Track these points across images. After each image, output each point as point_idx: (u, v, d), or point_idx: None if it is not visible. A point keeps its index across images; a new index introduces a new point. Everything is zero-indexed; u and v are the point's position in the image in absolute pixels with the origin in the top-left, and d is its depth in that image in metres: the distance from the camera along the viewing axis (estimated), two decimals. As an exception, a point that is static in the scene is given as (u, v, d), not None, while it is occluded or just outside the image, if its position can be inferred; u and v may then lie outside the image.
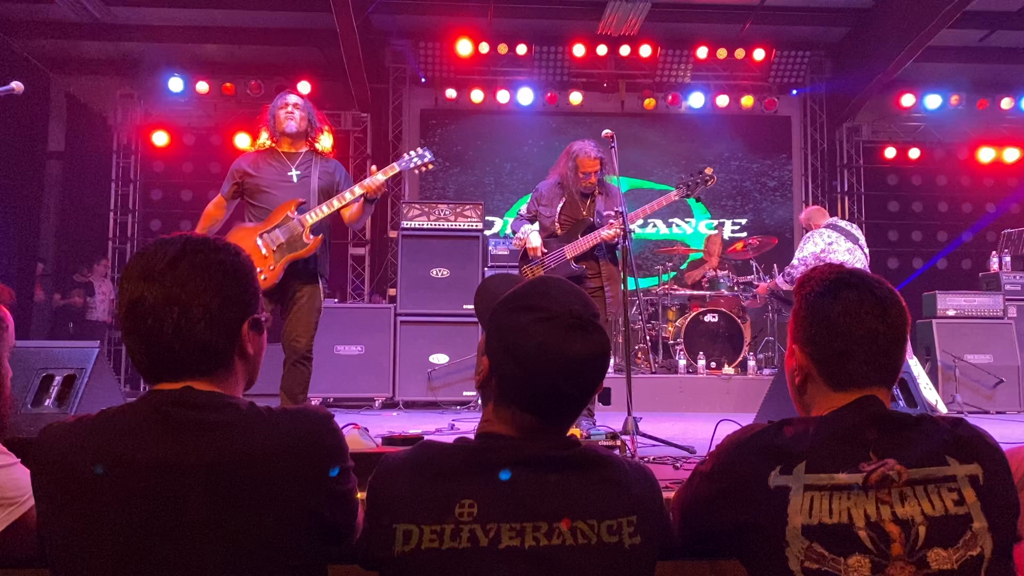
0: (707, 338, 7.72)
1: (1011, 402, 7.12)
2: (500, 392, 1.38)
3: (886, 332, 1.44)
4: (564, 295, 1.38)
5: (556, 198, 4.94)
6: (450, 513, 1.26)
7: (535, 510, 1.27)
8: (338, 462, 1.38)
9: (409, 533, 1.26)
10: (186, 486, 1.24)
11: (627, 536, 1.29)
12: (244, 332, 1.39)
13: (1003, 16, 9.05)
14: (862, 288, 1.46)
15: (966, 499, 1.32)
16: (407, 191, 10.25)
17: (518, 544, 1.25)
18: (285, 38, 9.78)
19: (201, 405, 1.32)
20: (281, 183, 4.41)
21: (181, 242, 1.37)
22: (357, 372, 7.10)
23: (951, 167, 10.82)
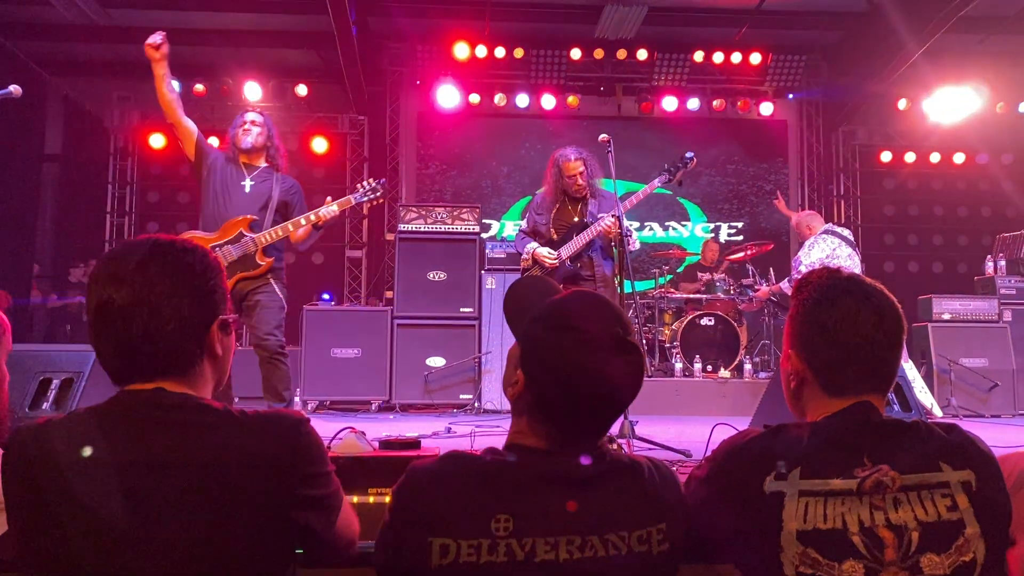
0: (703, 341, 7.73)
1: (1006, 406, 7.15)
2: (536, 407, 1.38)
3: (882, 340, 1.45)
4: (603, 315, 1.40)
5: (550, 206, 5.08)
6: (487, 528, 1.28)
7: (568, 524, 1.29)
8: (312, 466, 1.37)
9: (447, 547, 1.27)
10: (158, 487, 1.24)
11: (656, 544, 1.33)
12: (213, 333, 1.40)
13: (999, 20, 9.08)
14: (859, 295, 1.47)
15: (959, 505, 1.33)
16: (404, 194, 10.26)
17: (553, 558, 1.27)
18: (282, 40, 9.79)
19: (174, 406, 1.33)
20: (232, 190, 4.56)
21: (149, 244, 1.38)
22: (354, 375, 7.10)
23: (948, 171, 10.85)
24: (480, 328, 7.21)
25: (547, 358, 1.35)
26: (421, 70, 10.01)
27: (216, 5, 9.00)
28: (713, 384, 7.34)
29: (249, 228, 4.45)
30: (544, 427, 1.38)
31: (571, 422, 1.37)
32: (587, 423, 1.38)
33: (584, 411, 1.36)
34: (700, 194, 10.58)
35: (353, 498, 2.26)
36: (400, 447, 2.56)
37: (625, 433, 4.20)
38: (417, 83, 10.19)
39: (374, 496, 2.30)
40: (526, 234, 5.21)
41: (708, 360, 7.62)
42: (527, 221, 5.24)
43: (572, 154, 4.96)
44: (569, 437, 1.37)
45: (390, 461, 2.36)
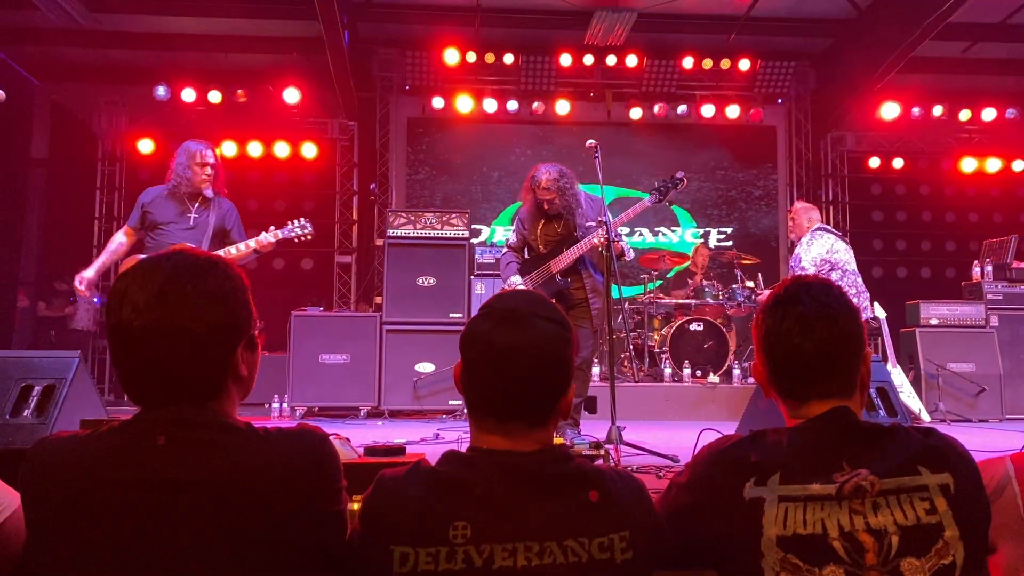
0: (692, 347, 7.75)
1: (993, 410, 7.18)
2: (463, 396, 1.44)
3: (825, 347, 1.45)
4: (515, 297, 1.46)
5: (535, 219, 5.06)
6: (445, 536, 1.28)
7: (526, 530, 1.29)
8: (334, 482, 1.37)
9: (406, 556, 1.28)
10: (180, 506, 1.23)
11: (619, 552, 1.31)
12: (238, 355, 1.37)
13: (984, 28, 9.14)
14: (809, 302, 1.48)
15: (938, 508, 1.33)
16: (394, 199, 10.24)
17: (511, 564, 1.26)
18: (272, 46, 9.78)
19: (197, 425, 1.30)
20: (178, 223, 4.83)
21: (167, 268, 1.34)
22: (342, 381, 7.08)
23: (934, 177, 10.92)
24: (469, 333, 7.19)
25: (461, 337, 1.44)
26: (411, 76, 10.01)
27: (205, 10, 8.99)
28: (702, 389, 7.35)
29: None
30: (475, 418, 1.42)
31: (484, 402, 1.40)
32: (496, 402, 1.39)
33: (483, 385, 1.39)
34: (690, 200, 10.60)
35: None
36: (385, 454, 2.55)
37: (613, 439, 4.20)
38: (407, 88, 10.18)
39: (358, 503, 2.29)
40: (513, 250, 5.15)
41: (697, 365, 7.63)
42: (515, 233, 5.19)
43: (544, 176, 4.90)
44: (496, 424, 1.39)
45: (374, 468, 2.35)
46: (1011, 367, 7.44)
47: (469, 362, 1.41)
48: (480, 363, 1.39)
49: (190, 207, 4.86)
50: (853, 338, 1.47)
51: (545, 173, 4.90)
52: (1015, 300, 7.77)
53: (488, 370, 1.38)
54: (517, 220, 5.22)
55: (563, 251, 4.91)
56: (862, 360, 1.49)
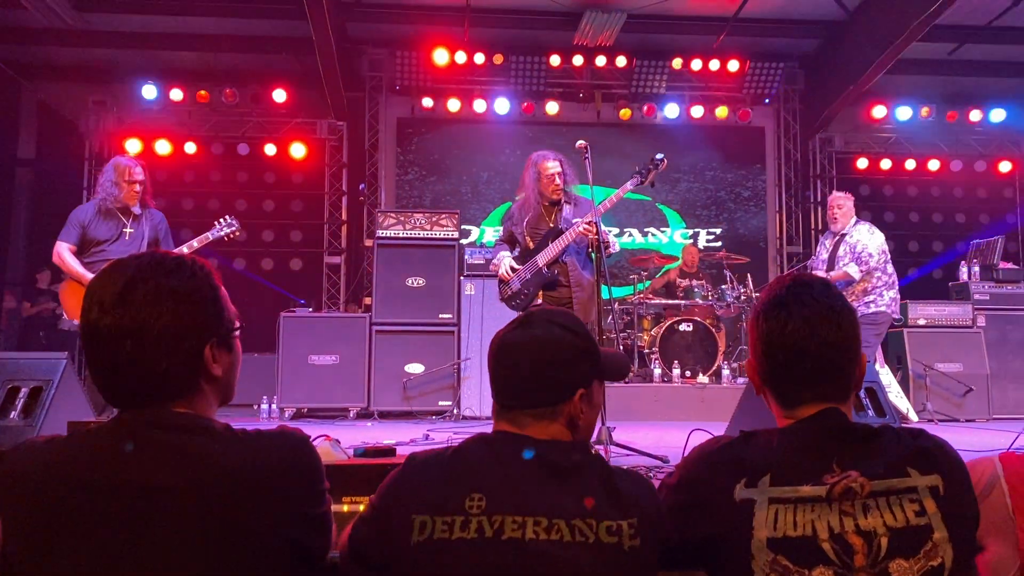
0: (682, 347, 7.76)
1: (980, 410, 7.22)
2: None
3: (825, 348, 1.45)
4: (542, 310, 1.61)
5: (524, 213, 5.09)
6: (461, 506, 1.35)
7: (537, 506, 1.34)
8: (317, 484, 1.37)
9: (424, 524, 1.34)
10: (159, 509, 1.21)
11: (627, 538, 1.34)
12: (207, 356, 1.36)
13: (971, 30, 9.20)
14: (810, 303, 1.47)
15: (927, 510, 1.33)
16: (384, 199, 10.22)
17: (519, 536, 1.32)
18: (260, 46, 9.74)
19: (177, 427, 1.29)
20: (115, 239, 5.05)
21: (133, 268, 1.33)
22: (331, 382, 7.06)
23: (922, 178, 10.97)
24: (459, 334, 7.19)
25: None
26: (400, 76, 9.99)
27: (192, 10, 8.96)
28: (692, 390, 7.36)
29: None
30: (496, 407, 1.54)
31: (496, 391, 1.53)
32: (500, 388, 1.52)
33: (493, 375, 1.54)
34: (679, 200, 10.63)
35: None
36: (375, 455, 2.55)
37: (603, 439, 4.20)
38: (396, 88, 10.16)
39: (348, 505, 2.28)
40: (503, 242, 5.23)
41: (687, 365, 7.64)
42: (503, 230, 5.26)
43: (551, 155, 5.02)
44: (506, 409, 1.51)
45: (364, 469, 2.34)
46: (998, 367, 7.49)
47: (489, 358, 1.57)
48: (493, 358, 1.55)
49: (125, 222, 5.08)
50: (853, 340, 1.48)
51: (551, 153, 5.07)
52: (1002, 300, 7.83)
53: (497, 364, 1.54)
54: (506, 219, 5.28)
55: (549, 244, 4.94)
56: (856, 363, 1.50)
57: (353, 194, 10.39)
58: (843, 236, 6.41)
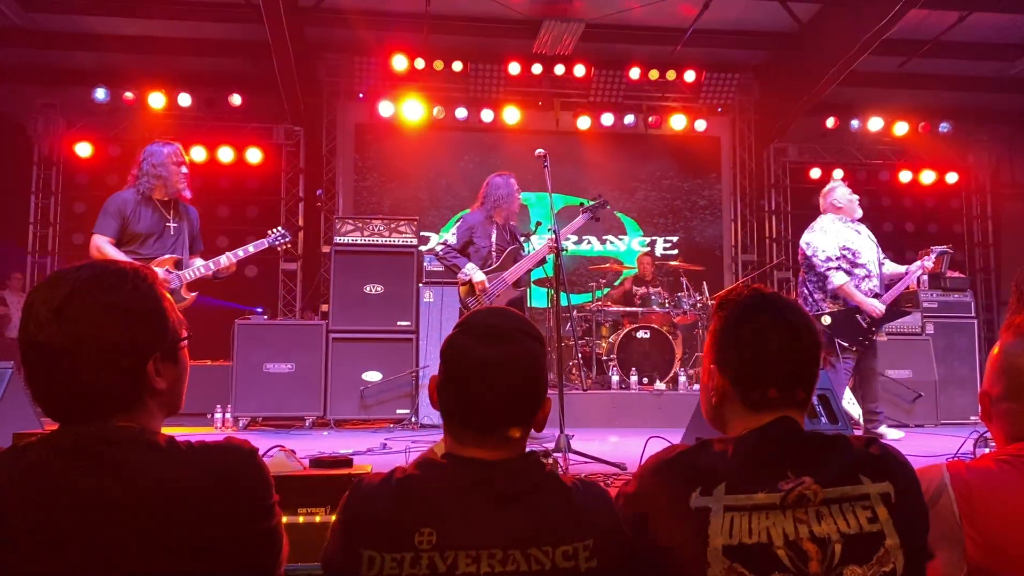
0: (639, 354, 7.81)
1: (929, 416, 7.39)
2: (440, 407, 1.46)
3: (798, 357, 1.48)
4: (491, 315, 1.50)
5: (489, 230, 5.44)
6: (410, 541, 1.30)
7: (490, 537, 1.31)
8: (265, 498, 1.33)
9: (373, 559, 1.30)
10: (101, 526, 1.17)
11: (583, 560, 1.32)
12: (150, 371, 1.32)
13: (920, 44, 9.43)
14: (775, 313, 1.50)
15: (879, 516, 1.35)
16: (341, 206, 10.14)
17: (474, 571, 1.28)
18: (216, 49, 9.62)
19: (118, 441, 1.25)
20: (160, 233, 4.60)
21: (72, 281, 1.29)
22: (287, 390, 6.96)
23: (873, 188, 11.20)
24: (418, 342, 7.15)
25: (441, 354, 1.47)
26: (359, 82, 9.93)
27: (147, 12, 8.80)
28: (649, 396, 7.41)
29: (174, 267, 4.57)
30: (451, 426, 1.44)
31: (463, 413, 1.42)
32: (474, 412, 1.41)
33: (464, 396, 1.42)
34: (636, 208, 10.72)
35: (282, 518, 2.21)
36: (331, 465, 2.51)
37: (561, 447, 4.21)
38: (360, 96, 10.08)
39: (303, 516, 2.25)
40: (456, 251, 5.48)
41: (644, 372, 7.69)
42: (459, 238, 5.50)
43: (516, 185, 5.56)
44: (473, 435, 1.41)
45: (319, 480, 2.31)
46: (946, 373, 7.67)
47: (452, 376, 1.44)
48: (464, 377, 1.42)
49: (167, 215, 4.59)
50: (810, 353, 1.50)
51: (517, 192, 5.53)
52: (950, 308, 8.02)
53: (472, 384, 1.41)
54: (466, 226, 5.52)
55: (512, 262, 5.30)
56: (815, 375, 1.52)
57: (310, 200, 10.28)
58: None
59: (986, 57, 9.79)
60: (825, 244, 5.87)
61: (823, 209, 6.21)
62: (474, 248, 5.51)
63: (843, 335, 5.69)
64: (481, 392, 1.41)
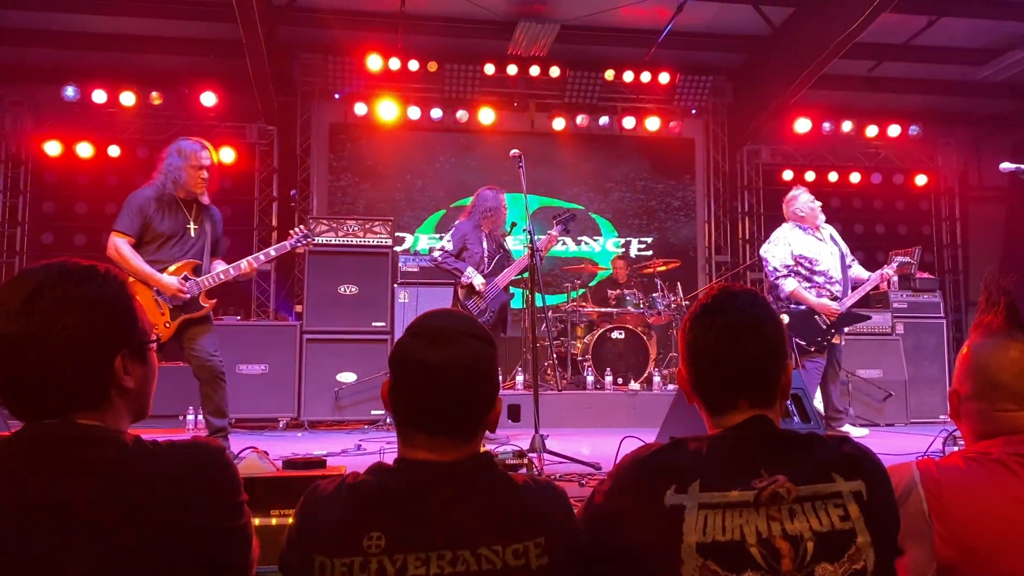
0: (614, 354, 7.85)
1: (899, 415, 7.49)
2: (392, 411, 1.48)
3: (754, 358, 1.49)
4: (442, 316, 1.52)
5: (480, 237, 5.89)
6: (359, 546, 1.30)
7: (440, 539, 1.32)
8: (233, 496, 1.33)
9: (324, 565, 1.30)
10: (67, 528, 1.16)
11: (534, 558, 1.33)
12: (117, 367, 1.31)
13: (889, 48, 9.55)
14: (730, 314, 1.51)
15: (851, 514, 1.37)
16: (315, 206, 10.08)
17: (423, 573, 1.29)
18: (188, 48, 9.51)
19: (84, 440, 1.24)
20: (181, 235, 4.49)
21: (41, 275, 1.28)
22: (260, 392, 6.91)
23: (844, 190, 11.32)
24: (392, 342, 7.12)
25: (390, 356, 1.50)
26: (333, 81, 9.87)
27: (117, 10, 8.69)
28: (623, 396, 7.45)
29: (193, 272, 4.49)
30: (403, 431, 1.45)
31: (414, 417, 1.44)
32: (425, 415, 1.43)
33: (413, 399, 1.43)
34: (611, 209, 10.75)
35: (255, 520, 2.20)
36: (304, 467, 2.50)
37: (536, 447, 4.22)
38: (336, 97, 10.02)
39: (276, 518, 2.24)
40: (454, 256, 5.95)
41: (619, 373, 7.73)
42: (455, 244, 5.96)
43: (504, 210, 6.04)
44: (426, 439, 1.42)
45: (292, 481, 2.30)
46: (915, 373, 7.78)
47: (400, 380, 1.45)
48: (412, 381, 1.44)
49: (189, 216, 4.50)
50: (776, 349, 1.51)
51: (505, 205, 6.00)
52: (919, 309, 8.14)
53: (420, 388, 1.42)
54: (459, 234, 6.01)
55: (502, 268, 5.84)
56: (783, 371, 1.53)
57: (284, 200, 10.20)
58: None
59: (954, 61, 9.94)
60: (776, 254, 6.08)
61: (786, 217, 6.38)
62: (468, 254, 5.90)
63: (802, 335, 5.83)
64: (428, 395, 1.42)
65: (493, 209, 5.93)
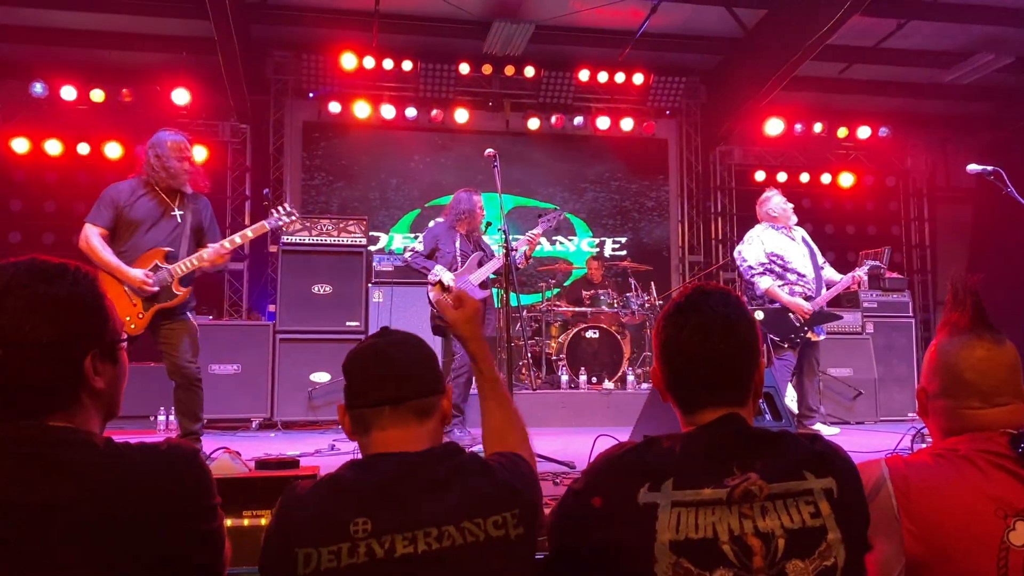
0: (589, 354, 7.87)
1: (869, 413, 7.59)
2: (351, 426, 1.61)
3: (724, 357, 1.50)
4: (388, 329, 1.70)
5: (452, 237, 5.91)
6: (346, 532, 1.34)
7: (424, 518, 1.37)
8: (207, 499, 1.32)
9: (309, 556, 1.33)
10: (38, 531, 1.14)
11: (512, 528, 1.42)
12: (87, 368, 1.30)
13: (860, 51, 9.67)
14: (701, 314, 1.52)
15: (822, 511, 1.38)
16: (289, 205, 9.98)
17: (412, 551, 1.34)
18: (160, 45, 9.39)
19: (55, 442, 1.23)
20: (158, 221, 4.40)
21: (10, 274, 1.27)
22: (233, 392, 6.86)
23: (815, 191, 11.43)
24: (367, 342, 7.09)
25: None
26: (307, 79, 9.81)
27: (87, 5, 8.57)
28: (598, 395, 7.48)
29: (165, 259, 4.37)
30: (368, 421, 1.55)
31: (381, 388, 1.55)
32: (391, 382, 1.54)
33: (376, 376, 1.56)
34: (586, 209, 10.78)
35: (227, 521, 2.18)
36: (277, 467, 2.48)
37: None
38: (309, 95, 9.94)
39: (248, 519, 2.22)
40: (424, 256, 5.94)
41: (593, 372, 7.75)
42: (426, 246, 5.97)
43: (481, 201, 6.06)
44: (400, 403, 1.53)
45: (265, 482, 2.29)
46: (885, 371, 7.89)
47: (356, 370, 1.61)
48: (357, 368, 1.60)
49: (171, 204, 4.45)
50: (749, 347, 1.53)
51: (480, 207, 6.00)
52: (889, 308, 8.25)
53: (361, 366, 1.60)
54: (431, 235, 6.04)
55: (475, 267, 5.79)
56: (756, 370, 1.54)
57: (257, 199, 10.11)
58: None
59: (923, 64, 10.07)
60: (750, 253, 6.20)
61: (759, 218, 6.50)
62: (440, 254, 5.90)
63: (776, 332, 5.94)
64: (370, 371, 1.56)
65: (467, 211, 5.96)
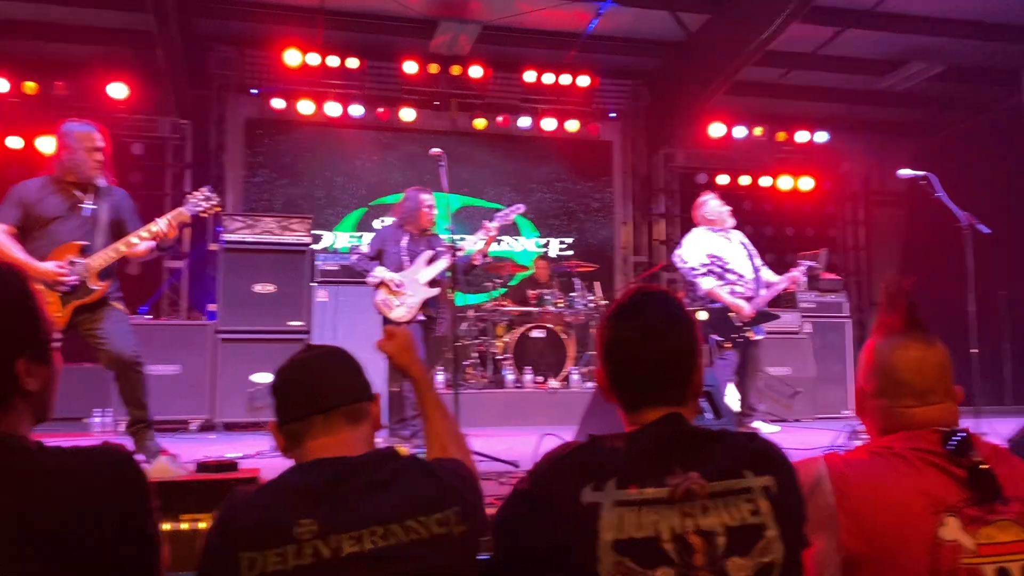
0: (534, 353, 7.91)
1: (807, 410, 7.78)
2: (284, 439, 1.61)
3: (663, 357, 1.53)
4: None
5: (399, 237, 5.87)
6: (290, 534, 1.34)
7: (369, 517, 1.38)
8: (142, 503, 1.29)
9: (253, 560, 1.33)
10: None
11: (455, 524, 1.44)
12: (19, 370, 1.26)
13: (799, 57, 9.89)
14: (640, 314, 1.56)
15: (761, 509, 1.41)
16: (231, 203, 9.81)
17: (359, 550, 1.35)
18: (97, 37, 9.13)
19: None
20: (66, 215, 4.21)
21: None
22: (172, 393, 6.69)
23: (755, 193, 11.63)
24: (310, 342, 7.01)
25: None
26: (251, 75, 9.64)
27: (19, -6, 8.30)
28: (543, 394, 7.51)
29: (80, 253, 4.18)
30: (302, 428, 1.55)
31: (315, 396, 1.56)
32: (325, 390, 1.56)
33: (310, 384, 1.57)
34: (532, 210, 10.80)
35: (165, 525, 2.14)
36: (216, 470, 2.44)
37: (456, 447, 4.21)
38: (255, 93, 9.77)
39: (187, 522, 2.18)
40: (370, 259, 5.86)
41: (539, 371, 7.79)
42: (371, 248, 5.91)
43: (428, 191, 6.02)
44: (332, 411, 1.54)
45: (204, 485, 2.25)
46: (822, 370, 8.09)
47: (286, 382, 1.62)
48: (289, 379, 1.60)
49: (82, 197, 4.25)
50: (690, 348, 1.55)
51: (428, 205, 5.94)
52: (826, 308, 8.46)
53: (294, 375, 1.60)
54: (378, 238, 5.99)
55: (424, 265, 5.73)
56: (696, 370, 1.57)
57: (197, 196, 9.90)
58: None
59: (859, 71, 10.34)
60: (690, 254, 6.31)
61: (696, 221, 6.67)
62: (386, 255, 5.84)
63: (719, 331, 6.09)
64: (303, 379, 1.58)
65: (411, 209, 5.92)
